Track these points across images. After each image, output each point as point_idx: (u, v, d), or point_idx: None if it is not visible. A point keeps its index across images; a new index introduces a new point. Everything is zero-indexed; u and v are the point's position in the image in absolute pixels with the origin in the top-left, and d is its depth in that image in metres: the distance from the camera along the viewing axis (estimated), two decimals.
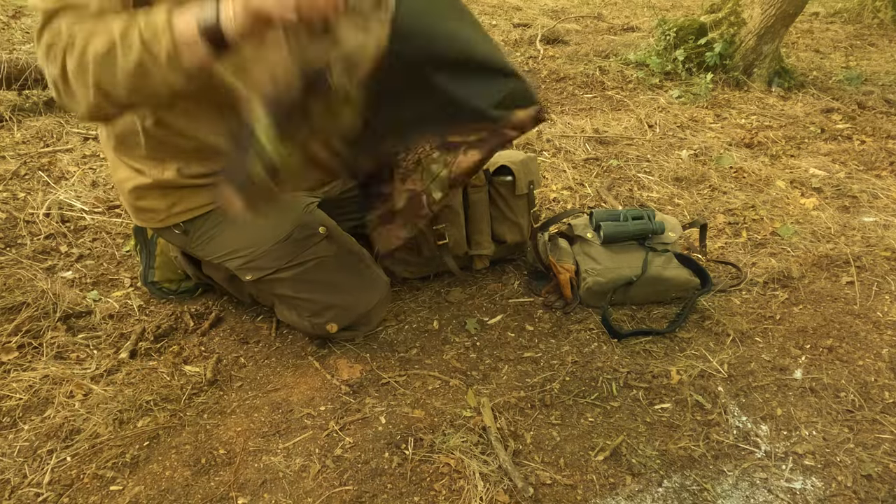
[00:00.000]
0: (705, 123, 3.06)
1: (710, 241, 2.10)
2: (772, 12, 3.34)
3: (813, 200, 2.36)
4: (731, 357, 1.59)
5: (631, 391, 1.49)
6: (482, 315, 1.74)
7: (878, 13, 5.00)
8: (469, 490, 1.23)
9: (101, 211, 2.10)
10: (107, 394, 1.42)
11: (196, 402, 1.43)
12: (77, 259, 1.87)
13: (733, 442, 1.37)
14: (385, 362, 1.56)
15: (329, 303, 1.49)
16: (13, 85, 2.61)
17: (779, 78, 3.51)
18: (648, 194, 2.38)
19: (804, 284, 1.87)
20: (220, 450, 1.31)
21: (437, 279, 1.87)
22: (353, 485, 1.25)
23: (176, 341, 1.60)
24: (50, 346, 1.54)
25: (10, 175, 2.21)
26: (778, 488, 1.26)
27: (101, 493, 1.21)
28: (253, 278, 1.47)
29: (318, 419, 1.39)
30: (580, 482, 1.27)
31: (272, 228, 1.44)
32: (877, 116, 3.18)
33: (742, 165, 2.62)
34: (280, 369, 1.54)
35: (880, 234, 2.12)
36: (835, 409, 1.45)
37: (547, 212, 2.23)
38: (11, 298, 1.64)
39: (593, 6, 5.23)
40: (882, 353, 1.61)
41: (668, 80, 3.55)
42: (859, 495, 1.25)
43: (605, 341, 1.64)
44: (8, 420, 1.36)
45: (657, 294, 1.76)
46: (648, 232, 1.78)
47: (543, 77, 3.54)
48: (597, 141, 2.81)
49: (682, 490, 1.26)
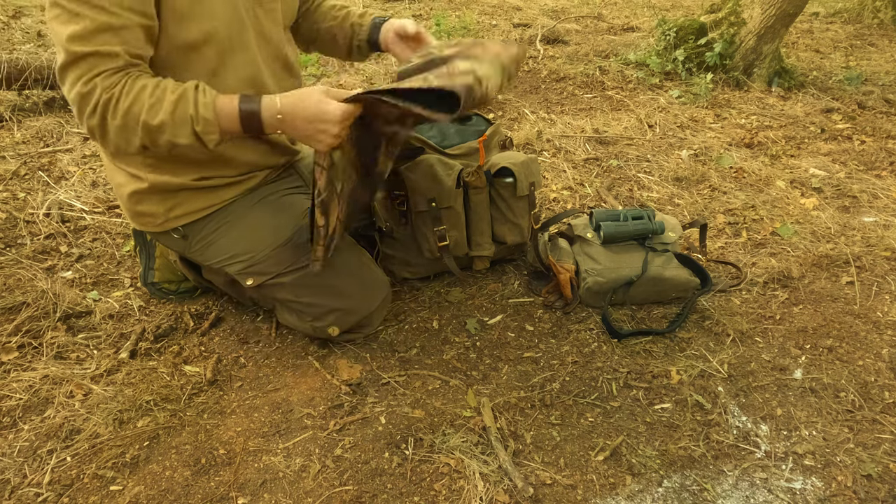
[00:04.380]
0: (705, 123, 3.06)
1: (710, 241, 2.10)
2: (772, 12, 3.34)
3: (813, 200, 2.36)
4: (731, 357, 1.59)
5: (631, 391, 1.49)
6: (482, 315, 1.74)
7: (878, 13, 4.99)
8: (469, 490, 1.23)
9: (101, 211, 2.10)
10: (107, 394, 1.42)
11: (196, 402, 1.43)
12: (77, 259, 1.87)
13: (733, 442, 1.37)
14: (385, 362, 1.56)
15: (331, 306, 1.49)
16: (13, 85, 2.61)
17: (779, 78, 3.51)
18: (648, 194, 2.38)
19: (804, 284, 1.87)
20: (220, 450, 1.31)
21: (437, 279, 1.87)
22: (353, 485, 1.25)
23: (176, 341, 1.60)
24: (50, 346, 1.54)
25: (10, 175, 2.21)
26: (778, 488, 1.26)
27: (101, 493, 1.21)
28: (254, 283, 1.47)
29: (318, 419, 1.39)
30: (580, 482, 1.27)
31: (272, 233, 1.44)
32: (877, 116, 3.18)
33: (742, 165, 2.62)
34: (280, 369, 1.54)
35: (880, 234, 2.12)
36: (835, 409, 1.45)
37: (547, 212, 2.23)
38: (11, 298, 1.64)
39: (593, 6, 5.23)
40: (882, 353, 1.61)
41: (668, 80, 3.55)
42: (859, 495, 1.25)
43: (605, 341, 1.64)
44: (8, 420, 1.36)
45: (657, 294, 1.76)
46: (648, 232, 1.78)
47: (543, 77, 3.54)
48: (597, 141, 2.81)
49: (682, 490, 1.26)
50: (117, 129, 1.13)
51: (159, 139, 1.15)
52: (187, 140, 1.15)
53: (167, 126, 1.13)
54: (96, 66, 1.10)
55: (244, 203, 1.46)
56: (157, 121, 1.12)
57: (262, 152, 1.46)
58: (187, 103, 1.13)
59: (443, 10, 4.81)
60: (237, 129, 1.18)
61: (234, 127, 1.18)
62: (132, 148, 1.16)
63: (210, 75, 1.26)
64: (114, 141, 1.15)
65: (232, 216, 1.44)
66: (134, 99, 1.11)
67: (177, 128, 1.13)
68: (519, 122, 2.99)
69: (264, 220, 1.45)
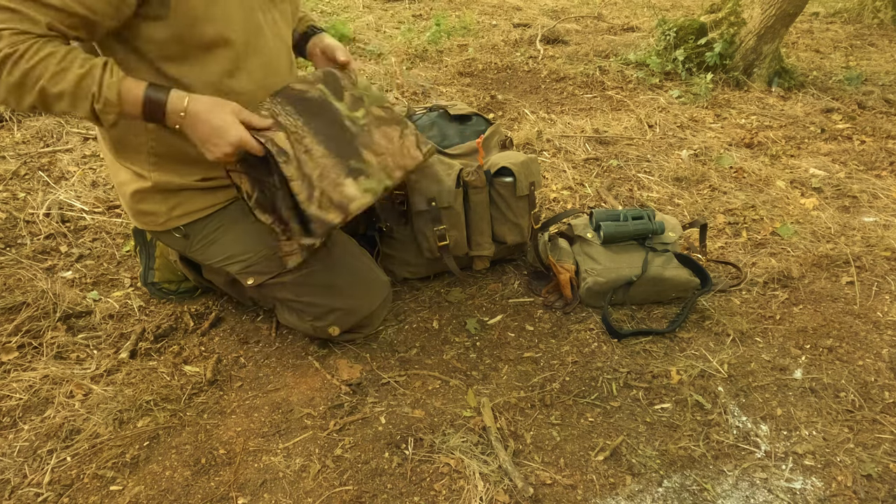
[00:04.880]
0: (705, 123, 3.06)
1: (710, 241, 2.10)
2: (772, 12, 3.34)
3: (813, 200, 2.36)
4: (731, 357, 1.59)
5: (631, 391, 1.49)
6: (482, 315, 1.74)
7: (878, 13, 4.99)
8: (469, 490, 1.23)
9: (101, 211, 2.10)
10: (107, 394, 1.42)
11: (196, 402, 1.43)
12: (77, 259, 1.86)
13: (733, 442, 1.37)
14: (385, 362, 1.56)
15: (331, 306, 1.49)
16: None
17: (779, 78, 3.51)
18: (648, 194, 2.38)
19: (804, 284, 1.87)
20: (220, 450, 1.31)
21: (437, 279, 1.87)
22: (353, 485, 1.25)
23: (176, 341, 1.60)
24: (50, 346, 1.54)
25: (10, 175, 2.21)
26: (778, 488, 1.26)
27: (101, 493, 1.21)
28: (255, 283, 1.46)
29: (318, 419, 1.39)
30: (580, 482, 1.27)
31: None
32: (877, 116, 3.18)
33: (742, 165, 2.62)
34: (280, 369, 1.53)
35: (880, 234, 2.12)
36: (835, 409, 1.45)
37: (547, 212, 2.23)
38: (11, 298, 1.64)
39: (593, 6, 5.23)
40: (882, 353, 1.61)
41: (668, 80, 3.55)
42: (859, 495, 1.25)
43: (605, 341, 1.64)
44: (8, 420, 1.36)
45: (657, 294, 1.76)
46: (648, 232, 1.78)
47: (543, 77, 3.54)
48: (597, 141, 2.81)
49: (682, 490, 1.26)
50: (11, 86, 1.09)
51: (54, 106, 1.13)
52: (83, 114, 1.14)
53: (66, 96, 1.11)
54: (9, 20, 1.06)
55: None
56: (56, 89, 1.10)
57: None
58: (92, 80, 1.11)
59: (443, 9, 4.81)
60: (137, 114, 1.17)
61: (135, 112, 1.17)
62: (20, 106, 1.14)
63: (225, 76, 1.27)
64: (2, 96, 1.12)
65: (233, 216, 1.44)
66: (38, 62, 1.08)
67: (76, 100, 1.12)
68: (519, 122, 2.99)
69: None
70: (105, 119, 1.15)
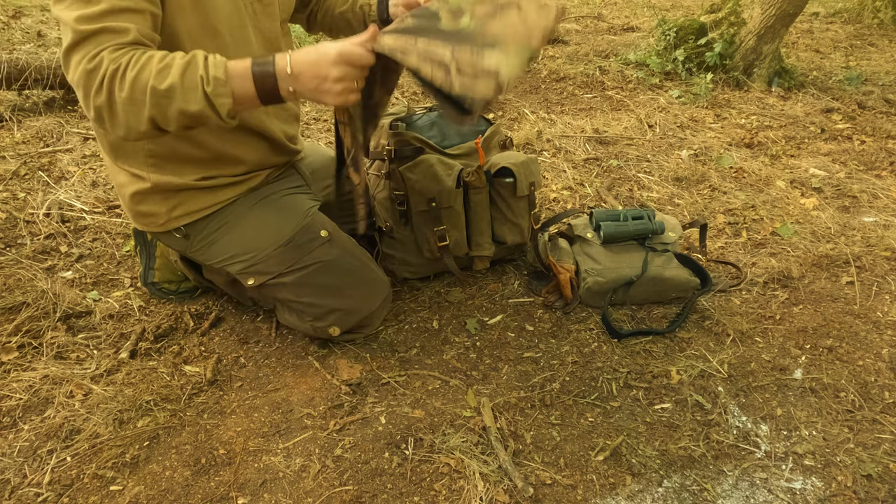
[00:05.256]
0: (705, 123, 3.06)
1: (710, 241, 2.10)
2: (772, 12, 3.34)
3: (813, 200, 2.36)
4: (731, 357, 1.59)
5: (631, 391, 1.49)
6: (482, 315, 1.74)
7: (878, 13, 4.99)
8: (469, 490, 1.23)
9: (101, 211, 2.10)
10: (107, 394, 1.42)
11: (196, 402, 1.43)
12: (77, 259, 1.87)
13: (733, 442, 1.37)
14: (385, 362, 1.56)
15: (331, 306, 1.49)
16: (13, 85, 2.61)
17: (779, 78, 3.51)
18: (648, 194, 2.38)
19: (804, 284, 1.87)
20: (220, 450, 1.31)
21: (437, 279, 1.87)
22: (353, 485, 1.25)
23: (176, 341, 1.60)
24: (50, 346, 1.54)
25: (10, 175, 2.21)
26: (778, 488, 1.26)
27: (101, 493, 1.21)
28: (255, 283, 1.46)
29: (318, 419, 1.39)
30: (580, 482, 1.27)
31: (274, 232, 1.44)
32: (877, 116, 3.18)
33: (742, 165, 2.62)
34: (280, 369, 1.54)
35: (880, 234, 2.12)
36: (835, 409, 1.45)
37: (547, 212, 2.23)
38: (11, 298, 1.64)
39: (593, 6, 5.23)
40: (882, 353, 1.61)
41: (668, 80, 3.55)
42: (859, 495, 1.25)
43: (605, 341, 1.64)
44: (8, 420, 1.36)
45: (657, 294, 1.76)
46: (648, 232, 1.78)
47: (543, 77, 3.54)
48: (597, 141, 2.81)
49: (682, 490, 1.26)
50: (125, 103, 1.06)
51: (169, 109, 1.08)
52: (198, 106, 1.08)
53: (177, 90, 1.06)
54: (104, 41, 1.05)
55: (246, 202, 1.46)
56: (165, 84, 1.06)
57: (263, 152, 1.46)
58: (196, 66, 1.08)
59: None
60: (249, 89, 1.11)
61: (247, 87, 1.11)
62: (142, 125, 1.09)
63: None
64: (123, 120, 1.08)
65: (233, 216, 1.45)
66: (142, 67, 1.05)
67: (187, 92, 1.07)
68: (519, 122, 2.99)
69: (266, 219, 1.46)
70: (220, 104, 1.09)
